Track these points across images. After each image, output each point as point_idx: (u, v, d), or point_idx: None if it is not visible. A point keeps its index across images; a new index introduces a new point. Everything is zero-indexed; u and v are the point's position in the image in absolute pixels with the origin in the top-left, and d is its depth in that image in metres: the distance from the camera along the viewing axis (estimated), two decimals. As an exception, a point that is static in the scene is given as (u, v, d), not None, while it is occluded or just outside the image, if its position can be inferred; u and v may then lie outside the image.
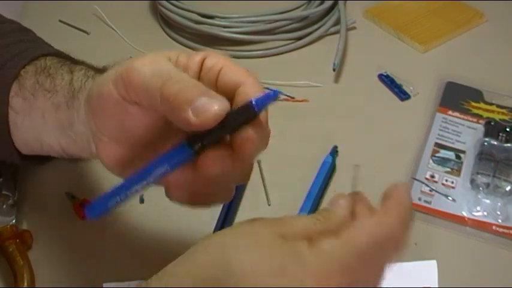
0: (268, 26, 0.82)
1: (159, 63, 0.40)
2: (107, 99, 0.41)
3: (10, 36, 0.56)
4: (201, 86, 0.39)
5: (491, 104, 0.71)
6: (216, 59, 0.42)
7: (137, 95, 0.40)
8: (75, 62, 0.53)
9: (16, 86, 0.51)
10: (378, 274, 0.35)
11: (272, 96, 0.38)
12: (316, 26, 0.83)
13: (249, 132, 0.38)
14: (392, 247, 0.35)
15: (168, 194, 0.43)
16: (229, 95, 0.40)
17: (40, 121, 0.50)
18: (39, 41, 0.58)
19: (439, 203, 0.61)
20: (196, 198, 0.43)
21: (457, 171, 0.64)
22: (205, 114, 0.37)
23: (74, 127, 0.48)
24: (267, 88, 0.37)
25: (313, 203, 0.60)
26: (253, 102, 0.37)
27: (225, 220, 0.59)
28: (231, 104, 0.39)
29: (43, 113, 0.49)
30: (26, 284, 0.53)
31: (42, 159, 0.56)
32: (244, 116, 0.38)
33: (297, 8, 0.86)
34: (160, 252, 0.55)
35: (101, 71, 0.49)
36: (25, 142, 0.52)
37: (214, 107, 0.37)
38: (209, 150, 0.39)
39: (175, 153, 0.39)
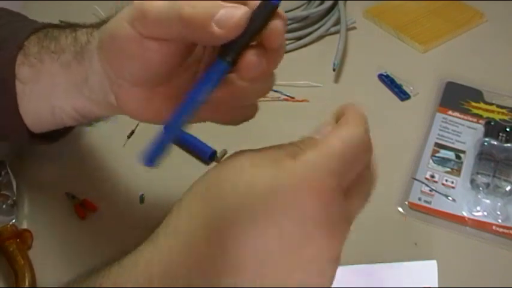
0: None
1: None
2: (125, 39, 0.42)
3: (4, 17, 0.57)
4: (217, 1, 0.39)
5: (491, 104, 0.71)
6: None
7: (157, 30, 0.41)
8: (77, 24, 0.53)
9: (21, 56, 0.51)
10: (358, 172, 0.38)
11: None
12: (316, 26, 0.83)
13: (275, 23, 0.39)
14: (364, 150, 0.39)
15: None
16: None
17: (50, 85, 0.50)
18: (33, 20, 0.59)
19: (439, 203, 0.61)
20: (220, 114, 0.44)
21: (457, 171, 0.64)
22: (230, 23, 0.38)
23: (88, 81, 0.48)
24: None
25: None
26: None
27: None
28: None
29: (52, 76, 0.49)
30: (27, 283, 0.53)
31: (51, 138, 0.56)
32: (266, 12, 0.38)
33: (297, 8, 0.86)
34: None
35: (102, 23, 0.49)
36: (36, 113, 0.52)
37: (236, 12, 0.38)
38: (245, 54, 0.39)
39: (214, 70, 0.39)
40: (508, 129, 0.66)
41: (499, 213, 0.59)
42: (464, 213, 0.60)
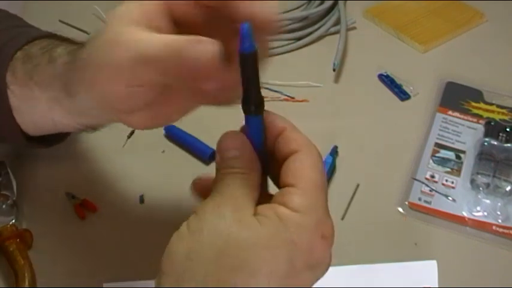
0: (268, 26, 0.82)
1: (156, 51, 0.39)
2: (119, 85, 0.42)
3: (3, 22, 0.57)
4: (190, 48, 0.38)
5: (491, 104, 0.71)
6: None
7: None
8: (59, 41, 0.52)
9: (10, 74, 0.51)
10: None
11: (246, 30, 0.36)
12: (316, 26, 0.83)
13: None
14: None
15: None
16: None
17: (46, 108, 0.50)
18: (27, 25, 0.59)
19: (439, 203, 0.61)
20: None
21: (457, 171, 0.64)
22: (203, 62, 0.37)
23: (85, 112, 0.48)
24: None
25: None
26: (243, 51, 0.37)
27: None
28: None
29: (46, 102, 0.50)
30: (27, 283, 0.53)
31: (49, 142, 0.56)
32: (251, 62, 0.37)
33: (297, 8, 0.86)
34: (160, 253, 0.55)
35: (80, 46, 0.48)
36: (36, 123, 0.52)
37: (208, 48, 0.37)
38: None
39: (252, 128, 0.40)
40: (508, 129, 0.66)
41: (499, 213, 0.59)
42: (464, 213, 0.60)
